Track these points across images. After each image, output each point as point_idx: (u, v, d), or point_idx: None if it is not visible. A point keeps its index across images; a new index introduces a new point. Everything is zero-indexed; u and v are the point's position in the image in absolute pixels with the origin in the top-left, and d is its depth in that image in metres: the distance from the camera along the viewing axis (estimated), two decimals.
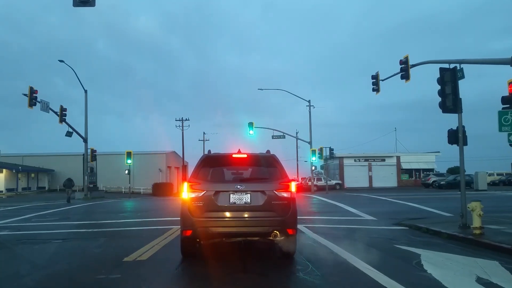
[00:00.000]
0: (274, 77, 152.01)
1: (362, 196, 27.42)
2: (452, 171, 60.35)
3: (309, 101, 41.54)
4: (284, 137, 41.60)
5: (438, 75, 12.41)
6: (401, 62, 20.69)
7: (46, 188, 60.65)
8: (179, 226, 6.73)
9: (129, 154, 37.70)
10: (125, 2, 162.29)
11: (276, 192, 6.38)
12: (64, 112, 29.93)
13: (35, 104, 25.71)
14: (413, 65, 20.72)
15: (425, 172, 52.27)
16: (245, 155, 7.05)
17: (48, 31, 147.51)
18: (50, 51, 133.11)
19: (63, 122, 30.07)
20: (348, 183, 50.77)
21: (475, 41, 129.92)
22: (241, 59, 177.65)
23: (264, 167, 6.95)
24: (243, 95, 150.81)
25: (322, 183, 47.07)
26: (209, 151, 7.78)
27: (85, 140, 34.67)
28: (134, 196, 48.22)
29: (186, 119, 66.04)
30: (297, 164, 77.71)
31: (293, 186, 6.57)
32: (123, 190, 57.38)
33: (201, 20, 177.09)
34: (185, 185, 6.47)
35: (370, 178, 52.40)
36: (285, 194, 6.41)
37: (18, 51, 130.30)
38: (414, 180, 53.14)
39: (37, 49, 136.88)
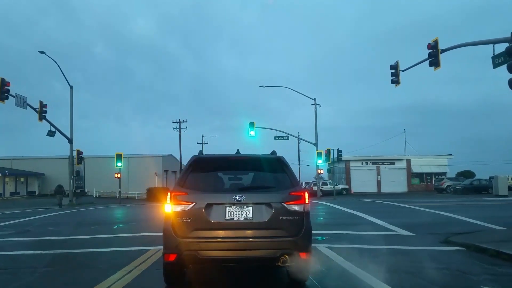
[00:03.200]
0: (273, 79, 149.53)
1: (379, 203, 24.22)
2: (463, 175, 57.33)
3: (314, 99, 38.56)
4: (287, 138, 38.57)
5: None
6: (429, 47, 17.66)
7: (36, 193, 57.53)
8: (160, 247, 5.48)
9: (119, 157, 34.63)
10: (123, 4, 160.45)
11: (285, 205, 5.00)
12: (44, 109, 26.85)
13: (7, 98, 22.61)
14: (444, 50, 17.68)
15: (437, 176, 49.09)
16: (245, 157, 5.81)
17: (45, 34, 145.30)
18: (48, 54, 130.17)
19: (43, 120, 26.99)
20: (355, 188, 47.58)
21: None
22: (240, 61, 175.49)
23: (270, 172, 5.56)
24: (242, 99, 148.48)
25: (327, 187, 44.10)
26: (200, 152, 6.28)
27: (71, 141, 31.66)
28: (127, 202, 45.17)
29: (183, 121, 63.31)
30: (299, 168, 74.45)
31: (306, 197, 5.11)
32: (117, 195, 54.54)
33: (199, 22, 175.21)
34: (168, 195, 5.02)
35: (379, 182, 49.19)
36: (296, 208, 5.03)
37: (16, 54, 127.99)
38: (425, 185, 49.93)
39: (34, 52, 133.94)
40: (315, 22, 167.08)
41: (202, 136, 72.69)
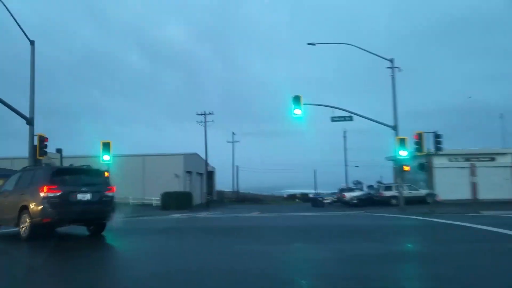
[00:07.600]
0: (304, 84, 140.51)
1: None
2: None
3: (391, 60, 26.06)
4: (351, 119, 26.18)
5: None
6: None
7: None
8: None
9: (106, 147, 23.63)
10: (154, 11, 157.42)
11: (105, 193, 10.87)
12: None
13: None
14: None
15: None
16: (85, 168, 11.58)
17: (82, 44, 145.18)
18: (85, 63, 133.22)
19: None
20: (442, 194, 34.16)
21: None
22: (267, 65, 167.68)
23: (97, 176, 11.51)
24: (271, 103, 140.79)
25: (392, 193, 32.13)
26: (53, 164, 13.35)
27: (30, 122, 21.18)
28: (139, 209, 34.54)
29: (209, 113, 52.53)
30: (346, 169, 60.19)
31: (114, 189, 11.22)
32: (130, 201, 44.17)
33: (228, 26, 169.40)
34: (45, 188, 9.81)
35: (475, 186, 35.40)
36: (110, 194, 11.00)
37: (55, 64, 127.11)
38: None
39: (73, 61, 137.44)
40: (345, 23, 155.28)
41: (233, 133, 62.65)
